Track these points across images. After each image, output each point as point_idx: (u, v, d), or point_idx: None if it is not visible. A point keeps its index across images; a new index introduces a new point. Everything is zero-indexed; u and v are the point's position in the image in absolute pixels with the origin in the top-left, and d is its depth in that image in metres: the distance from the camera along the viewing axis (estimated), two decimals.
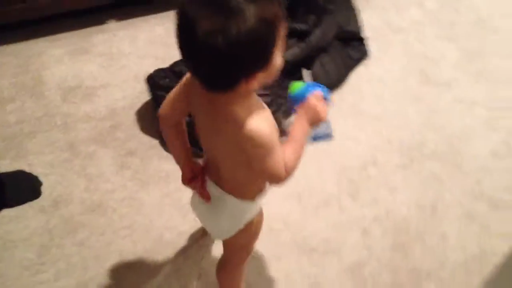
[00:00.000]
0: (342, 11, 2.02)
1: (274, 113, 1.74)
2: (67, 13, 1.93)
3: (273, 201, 1.55)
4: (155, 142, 1.70)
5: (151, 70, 1.74)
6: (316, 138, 1.11)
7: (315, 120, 1.04)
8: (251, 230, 1.20)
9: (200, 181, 1.14)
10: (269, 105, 1.75)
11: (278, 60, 0.92)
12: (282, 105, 1.78)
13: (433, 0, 2.23)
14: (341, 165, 1.69)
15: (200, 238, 1.51)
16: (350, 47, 1.99)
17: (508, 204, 1.63)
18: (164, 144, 1.69)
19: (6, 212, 1.52)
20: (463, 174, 1.71)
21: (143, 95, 1.79)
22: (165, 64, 1.76)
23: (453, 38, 2.09)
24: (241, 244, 1.24)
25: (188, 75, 1.04)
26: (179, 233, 1.52)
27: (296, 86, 1.06)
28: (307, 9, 1.92)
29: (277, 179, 1.01)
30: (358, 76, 1.92)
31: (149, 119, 1.75)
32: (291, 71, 1.83)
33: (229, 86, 0.91)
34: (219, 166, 1.09)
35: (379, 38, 2.05)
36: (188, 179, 1.15)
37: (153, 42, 1.98)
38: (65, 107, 1.76)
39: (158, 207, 1.57)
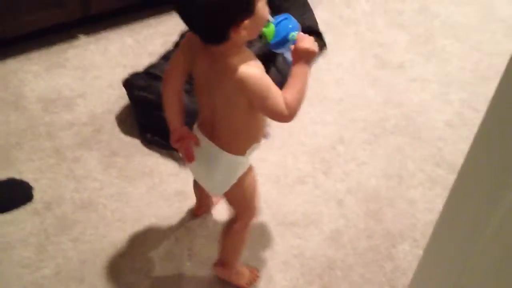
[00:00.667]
0: (298, 8, 2.17)
1: None
2: (38, 31, 2.02)
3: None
4: (137, 142, 1.80)
5: (124, 77, 1.85)
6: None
7: (311, 58, 1.16)
8: (244, 183, 1.31)
9: (186, 143, 1.24)
10: None
11: (262, 8, 1.07)
12: None
13: None
14: (312, 147, 1.83)
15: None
16: None
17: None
18: (145, 142, 1.79)
19: (1, 217, 1.59)
20: (423, 144, 1.87)
21: (120, 100, 1.89)
22: (136, 70, 1.87)
23: (401, 24, 2.26)
24: (241, 200, 1.35)
25: (186, 37, 1.18)
26: (167, 220, 1.62)
27: (269, 32, 1.14)
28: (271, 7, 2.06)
29: (281, 116, 1.14)
30: (318, 66, 2.07)
31: (129, 121, 1.85)
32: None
33: (221, 36, 1.06)
34: (215, 122, 1.21)
35: (333, 31, 2.20)
36: (177, 139, 1.25)
37: (124, 52, 2.09)
38: (47, 117, 1.85)
39: (146, 199, 1.67)
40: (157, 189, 1.69)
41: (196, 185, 1.50)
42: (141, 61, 1.97)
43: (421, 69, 2.10)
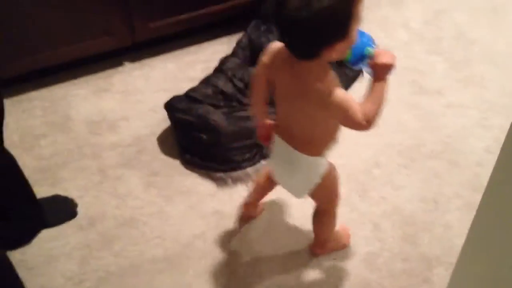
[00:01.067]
0: None
1: None
2: (87, 58, 2.14)
3: (294, 202, 1.70)
4: (177, 162, 1.86)
5: (166, 100, 1.92)
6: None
7: (389, 71, 1.25)
8: (328, 180, 1.43)
9: (267, 134, 1.42)
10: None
11: (353, 34, 1.16)
12: None
13: (417, 21, 2.44)
14: (349, 170, 1.84)
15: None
16: (345, 67, 2.17)
17: None
18: (184, 163, 1.85)
19: (47, 232, 1.67)
20: (461, 169, 1.86)
21: (162, 123, 1.96)
22: (177, 94, 1.95)
23: (439, 51, 2.28)
24: (326, 195, 1.49)
25: (271, 50, 1.30)
26: (204, 238, 1.66)
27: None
28: None
29: (360, 127, 1.24)
30: (355, 91, 2.09)
31: (169, 142, 1.92)
32: None
33: (314, 54, 1.16)
34: (294, 129, 1.33)
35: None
36: (262, 132, 1.44)
37: (166, 78, 2.17)
38: (92, 138, 1.93)
39: (184, 218, 1.71)
40: (195, 208, 1.74)
41: (260, 185, 1.61)
42: (182, 86, 2.05)
43: (458, 95, 2.10)
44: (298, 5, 1.08)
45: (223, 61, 2.08)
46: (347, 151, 1.88)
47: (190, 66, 2.22)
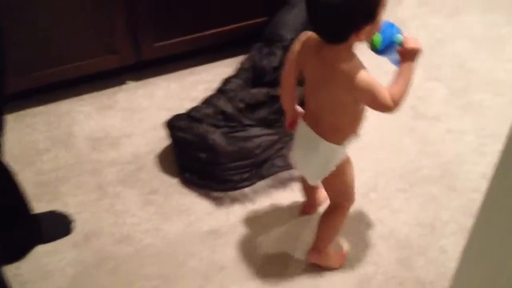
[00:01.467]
0: None
1: (280, 149, 1.94)
2: (92, 75, 2.18)
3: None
4: (175, 181, 1.88)
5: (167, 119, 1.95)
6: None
7: (417, 56, 1.33)
8: (343, 171, 1.48)
9: (294, 122, 1.50)
10: (275, 143, 1.95)
11: (380, 18, 1.25)
12: (287, 142, 1.96)
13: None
14: None
15: None
16: None
17: None
18: (183, 181, 1.87)
19: (43, 247, 1.68)
20: (458, 195, 1.86)
21: (163, 141, 1.99)
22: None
23: (439, 78, 2.30)
24: (340, 188, 1.53)
25: (299, 42, 1.37)
26: (200, 257, 1.67)
27: (377, 40, 1.32)
28: None
29: (387, 108, 1.32)
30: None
31: (169, 160, 1.94)
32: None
33: (344, 36, 1.24)
34: (321, 116, 1.39)
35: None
36: (290, 120, 1.51)
37: (169, 97, 2.21)
38: (94, 155, 1.96)
39: (181, 236, 1.72)
40: (192, 227, 1.75)
41: (305, 185, 1.66)
42: (184, 105, 2.07)
43: (457, 121, 2.12)
44: None
45: (225, 82, 2.11)
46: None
47: (193, 86, 2.25)
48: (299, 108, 1.49)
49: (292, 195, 1.84)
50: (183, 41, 2.23)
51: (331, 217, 1.57)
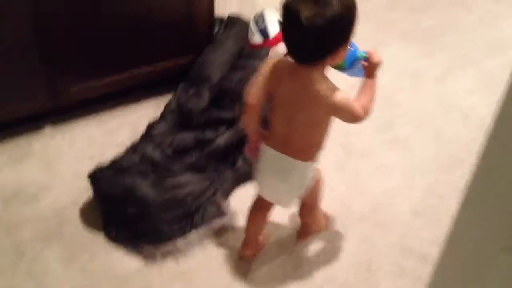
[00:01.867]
0: None
1: (213, 195, 1.87)
2: (6, 122, 2.01)
3: None
4: (101, 236, 1.76)
5: (91, 169, 1.83)
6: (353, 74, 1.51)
7: (379, 68, 1.46)
8: (318, 180, 1.62)
9: (257, 148, 1.54)
10: (207, 189, 1.88)
11: (350, 41, 1.35)
12: (218, 189, 1.90)
13: (344, 85, 2.49)
14: (281, 239, 1.81)
15: None
16: None
17: (435, 257, 1.79)
18: (109, 237, 1.75)
19: None
20: (390, 232, 1.87)
21: (86, 193, 1.86)
22: (102, 162, 1.86)
23: None
24: (315, 193, 1.65)
25: (270, 64, 1.43)
26: None
27: (342, 60, 1.42)
28: (232, 99, 2.10)
29: (360, 119, 1.44)
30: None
31: (93, 214, 1.81)
32: (225, 156, 1.99)
33: (321, 58, 1.32)
34: (292, 136, 1.45)
35: None
36: (253, 145, 1.54)
37: (91, 143, 2.09)
38: (7, 212, 1.80)
39: None
40: (121, 285, 1.64)
41: (251, 222, 1.68)
42: (108, 152, 1.97)
43: (385, 157, 2.14)
44: (312, 14, 1.24)
45: (151, 126, 2.03)
46: (277, 218, 1.85)
47: (116, 130, 2.14)
48: (262, 132, 1.53)
49: (227, 243, 1.78)
50: (102, 84, 2.12)
51: (313, 213, 1.74)
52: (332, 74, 1.43)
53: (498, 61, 2.62)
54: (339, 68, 1.45)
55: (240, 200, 1.90)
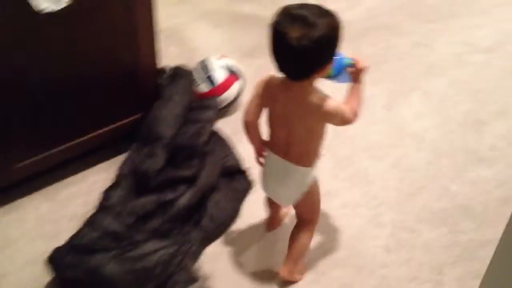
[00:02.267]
0: (220, 150, 2.16)
1: (181, 261, 1.78)
2: None
3: None
4: None
5: (47, 250, 1.70)
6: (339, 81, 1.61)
7: (364, 74, 1.57)
8: (313, 190, 1.69)
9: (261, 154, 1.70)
10: (175, 255, 1.79)
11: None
12: (187, 252, 1.81)
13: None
14: None
15: None
16: (235, 181, 2.10)
17: None
18: None
19: None
20: (367, 274, 1.84)
21: (42, 279, 1.73)
22: (58, 240, 1.72)
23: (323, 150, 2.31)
24: (309, 205, 1.73)
25: (262, 83, 1.57)
26: None
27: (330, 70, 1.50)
28: (188, 155, 2.03)
29: (350, 122, 1.56)
30: (248, 206, 2.03)
31: None
32: (189, 216, 1.91)
33: (311, 74, 1.43)
34: (292, 145, 1.57)
35: (258, 166, 2.20)
36: (260, 154, 1.70)
37: (42, 220, 1.95)
38: None
39: None
40: None
41: (269, 202, 1.85)
42: (62, 228, 1.85)
43: (348, 194, 2.13)
44: (299, 35, 1.33)
45: (106, 195, 1.91)
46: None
47: (68, 202, 2.02)
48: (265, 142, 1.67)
49: None
50: (46, 157, 1.97)
51: (301, 235, 1.75)
52: (319, 82, 1.53)
53: (439, 81, 2.69)
54: (327, 76, 1.55)
55: (211, 259, 1.82)
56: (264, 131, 1.68)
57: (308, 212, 1.76)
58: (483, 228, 1.99)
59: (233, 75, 2.38)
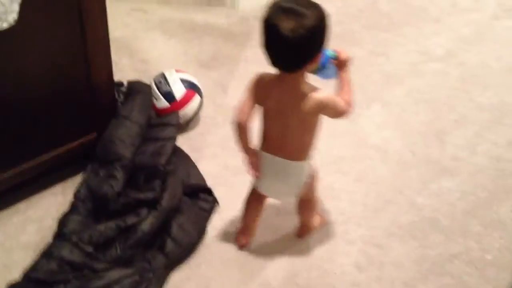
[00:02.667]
0: (182, 168, 2.08)
1: None
2: None
3: None
4: None
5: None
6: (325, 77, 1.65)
7: (349, 64, 1.64)
8: (313, 176, 1.76)
9: (255, 162, 1.68)
10: (139, 283, 1.70)
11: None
12: (151, 279, 1.73)
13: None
14: None
15: None
16: (199, 200, 2.03)
17: None
18: None
19: None
20: None
21: None
22: (10, 273, 1.64)
23: None
24: (311, 188, 1.79)
25: (254, 82, 1.59)
26: None
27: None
28: (149, 176, 1.93)
29: (345, 113, 1.61)
30: (214, 227, 1.96)
31: None
32: (152, 241, 1.82)
33: (303, 65, 1.48)
34: (286, 140, 1.60)
35: (222, 183, 2.13)
36: (250, 160, 1.68)
37: None
38: None
39: None
40: None
41: (248, 211, 1.85)
42: (15, 259, 1.72)
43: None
44: (292, 27, 1.38)
45: (62, 222, 1.80)
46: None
47: (21, 229, 1.88)
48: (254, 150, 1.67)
49: None
50: None
51: (311, 208, 1.85)
52: (308, 78, 1.56)
53: (397, 91, 2.69)
54: (313, 71, 1.58)
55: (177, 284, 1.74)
56: (256, 134, 1.67)
57: (309, 195, 1.80)
58: (451, 241, 1.99)
59: (192, 90, 2.30)
